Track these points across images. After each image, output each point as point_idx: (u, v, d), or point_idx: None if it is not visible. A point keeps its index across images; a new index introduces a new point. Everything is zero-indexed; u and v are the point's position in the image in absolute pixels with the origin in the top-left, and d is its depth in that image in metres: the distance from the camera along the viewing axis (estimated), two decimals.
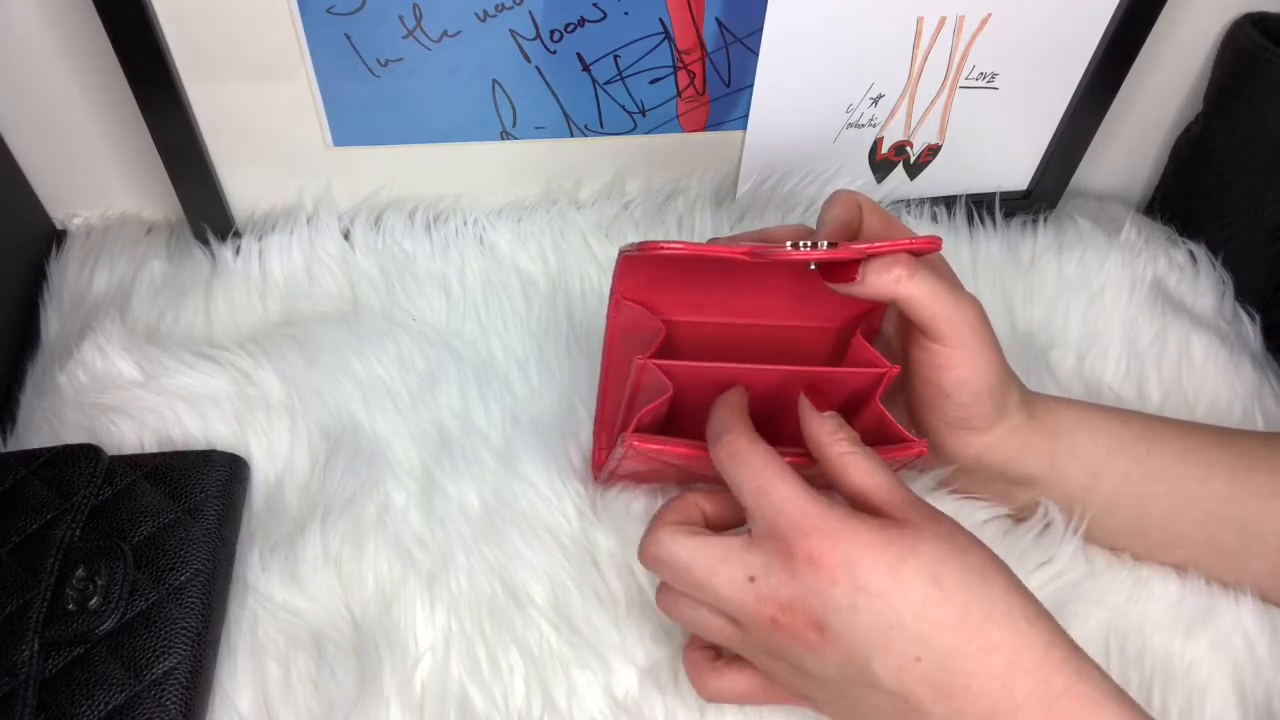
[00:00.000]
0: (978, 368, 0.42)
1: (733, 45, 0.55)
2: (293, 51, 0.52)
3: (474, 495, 0.49)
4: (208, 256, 0.59)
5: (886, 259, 0.40)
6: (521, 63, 0.54)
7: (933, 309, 0.40)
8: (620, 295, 0.45)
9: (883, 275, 0.40)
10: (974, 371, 0.42)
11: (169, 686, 0.40)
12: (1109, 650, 0.45)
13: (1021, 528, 0.47)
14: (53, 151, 0.58)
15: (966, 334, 0.41)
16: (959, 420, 0.44)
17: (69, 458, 0.46)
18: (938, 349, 0.42)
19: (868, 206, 0.44)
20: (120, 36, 0.48)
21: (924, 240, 0.40)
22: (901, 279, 0.40)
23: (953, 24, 0.55)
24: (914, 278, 0.40)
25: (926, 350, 0.42)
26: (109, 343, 0.53)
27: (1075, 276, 0.62)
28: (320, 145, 0.57)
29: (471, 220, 0.61)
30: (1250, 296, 0.62)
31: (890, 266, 0.39)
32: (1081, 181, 0.67)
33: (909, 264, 0.40)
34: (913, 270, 0.40)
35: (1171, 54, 0.61)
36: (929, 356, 0.42)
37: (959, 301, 0.41)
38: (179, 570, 0.43)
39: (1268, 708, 0.44)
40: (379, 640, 0.43)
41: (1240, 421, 0.55)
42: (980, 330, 0.42)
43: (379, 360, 0.54)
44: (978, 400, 0.43)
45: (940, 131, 0.62)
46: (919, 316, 0.41)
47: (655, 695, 0.43)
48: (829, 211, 0.44)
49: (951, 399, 0.43)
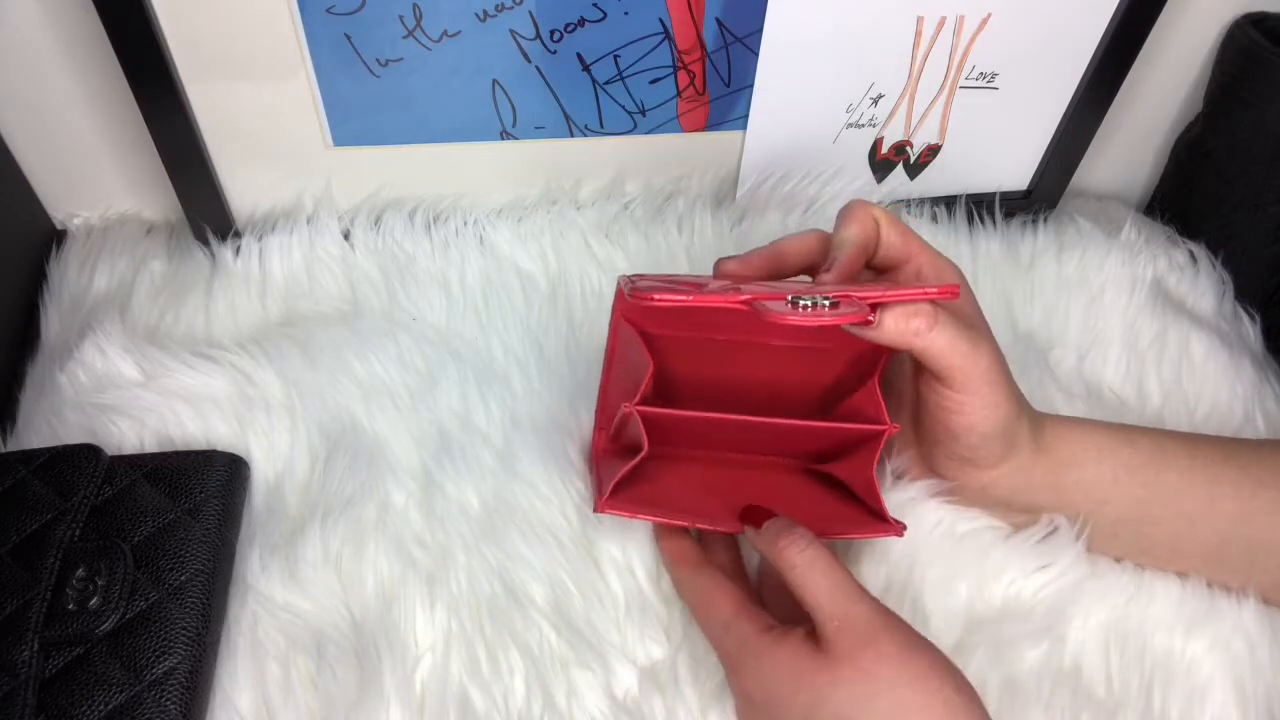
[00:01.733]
0: (987, 413, 0.42)
1: (733, 45, 0.55)
2: (293, 51, 0.52)
3: (474, 495, 0.49)
4: (208, 256, 0.59)
5: (907, 308, 0.39)
6: (521, 63, 0.54)
7: (948, 359, 0.40)
8: (621, 315, 0.45)
9: (901, 325, 0.39)
10: (983, 417, 0.42)
11: (169, 686, 0.40)
12: (1109, 650, 0.45)
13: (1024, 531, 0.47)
14: (53, 151, 0.58)
15: (979, 383, 0.41)
16: (965, 459, 0.44)
17: (69, 458, 0.46)
18: (949, 394, 0.41)
19: (885, 220, 0.43)
20: (120, 36, 0.48)
21: (941, 290, 0.39)
22: (920, 331, 0.39)
23: (953, 24, 0.55)
24: (933, 330, 0.39)
25: (938, 393, 0.42)
26: (109, 343, 0.53)
27: (1075, 276, 0.62)
28: (320, 145, 0.57)
29: (471, 220, 0.61)
30: (1250, 296, 0.62)
31: (910, 317, 0.39)
32: (1081, 181, 0.67)
33: (928, 315, 0.39)
34: (932, 323, 0.39)
35: (1171, 54, 0.61)
36: (939, 399, 0.42)
37: (975, 351, 0.40)
38: (179, 570, 0.43)
39: (1268, 708, 0.44)
40: (379, 640, 0.43)
41: (1240, 422, 0.55)
42: (993, 377, 0.41)
43: (379, 360, 0.54)
44: (985, 443, 0.43)
45: (940, 131, 0.62)
46: (933, 365, 0.40)
47: (655, 695, 0.43)
48: (844, 229, 0.43)
49: (959, 441, 0.43)
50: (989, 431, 0.42)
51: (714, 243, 0.61)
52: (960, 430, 0.42)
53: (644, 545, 0.47)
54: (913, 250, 0.44)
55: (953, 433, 0.43)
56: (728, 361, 0.46)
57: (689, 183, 0.63)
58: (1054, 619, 0.46)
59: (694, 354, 0.46)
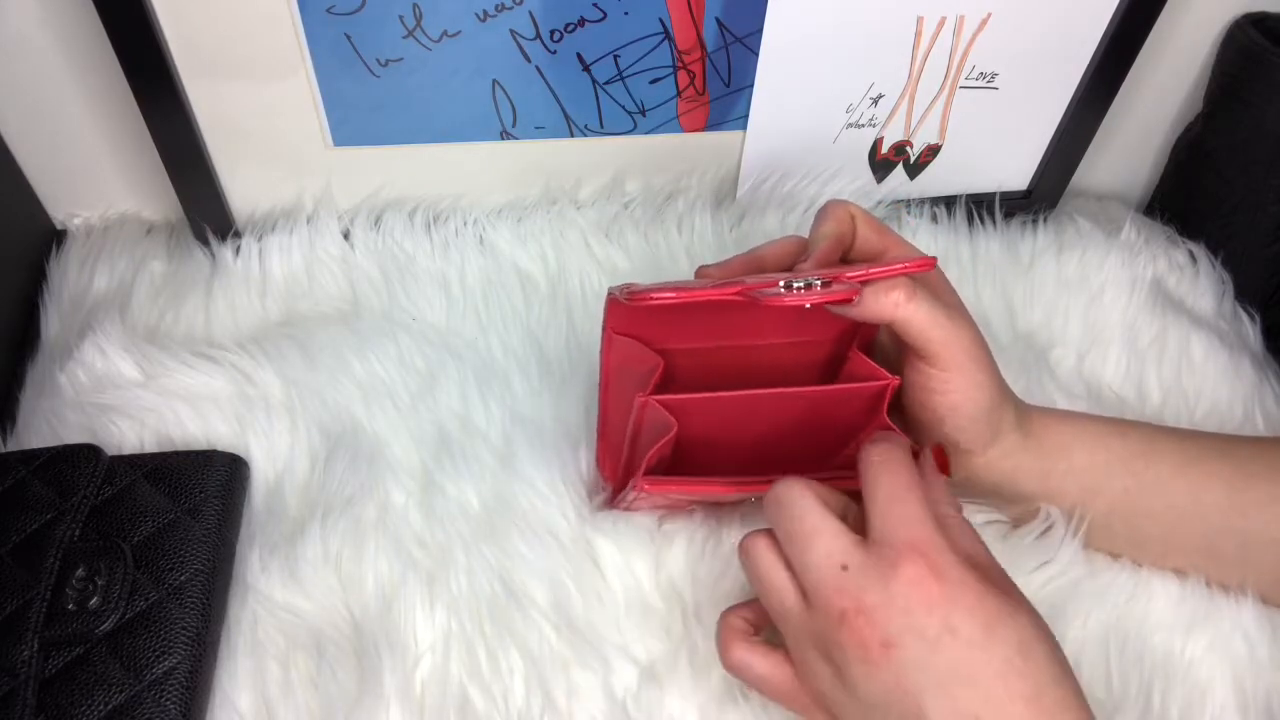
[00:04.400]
0: (971, 392, 0.42)
1: (733, 45, 0.55)
2: (293, 51, 0.52)
3: (474, 495, 0.49)
4: (208, 256, 0.59)
5: (885, 283, 0.40)
6: (521, 63, 0.54)
7: (928, 333, 0.40)
8: (613, 331, 0.45)
9: (881, 299, 0.40)
10: (967, 396, 0.42)
11: (169, 686, 0.40)
12: (1109, 650, 0.45)
13: (1022, 530, 0.47)
14: (53, 151, 0.58)
15: (962, 358, 0.41)
16: (952, 442, 0.44)
17: (69, 458, 0.46)
18: (932, 373, 0.42)
19: (860, 217, 0.44)
20: (120, 36, 0.48)
21: (918, 263, 0.40)
22: (900, 303, 0.40)
23: (953, 24, 0.55)
24: (911, 301, 0.40)
25: (921, 374, 0.42)
26: (109, 343, 0.53)
27: (1075, 276, 0.62)
28: (320, 145, 0.57)
29: (471, 220, 0.61)
30: (1250, 296, 0.62)
31: (889, 290, 0.40)
32: (1081, 181, 0.67)
33: (907, 288, 0.40)
34: (910, 294, 0.40)
35: (1171, 54, 0.61)
36: (923, 380, 0.42)
37: (955, 325, 0.41)
38: (179, 570, 0.43)
39: (1268, 708, 0.44)
40: (379, 640, 0.43)
41: (1240, 422, 0.55)
42: (975, 354, 0.42)
43: (379, 360, 0.54)
44: (972, 424, 0.43)
45: (940, 131, 0.62)
46: (915, 340, 0.41)
47: (655, 695, 0.43)
48: (821, 226, 0.44)
49: (945, 423, 0.43)
50: (974, 412, 0.42)
51: (714, 243, 0.61)
52: (945, 411, 0.42)
53: (645, 545, 0.47)
54: (888, 244, 0.45)
55: (939, 415, 0.43)
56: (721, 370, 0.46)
57: (689, 183, 0.63)
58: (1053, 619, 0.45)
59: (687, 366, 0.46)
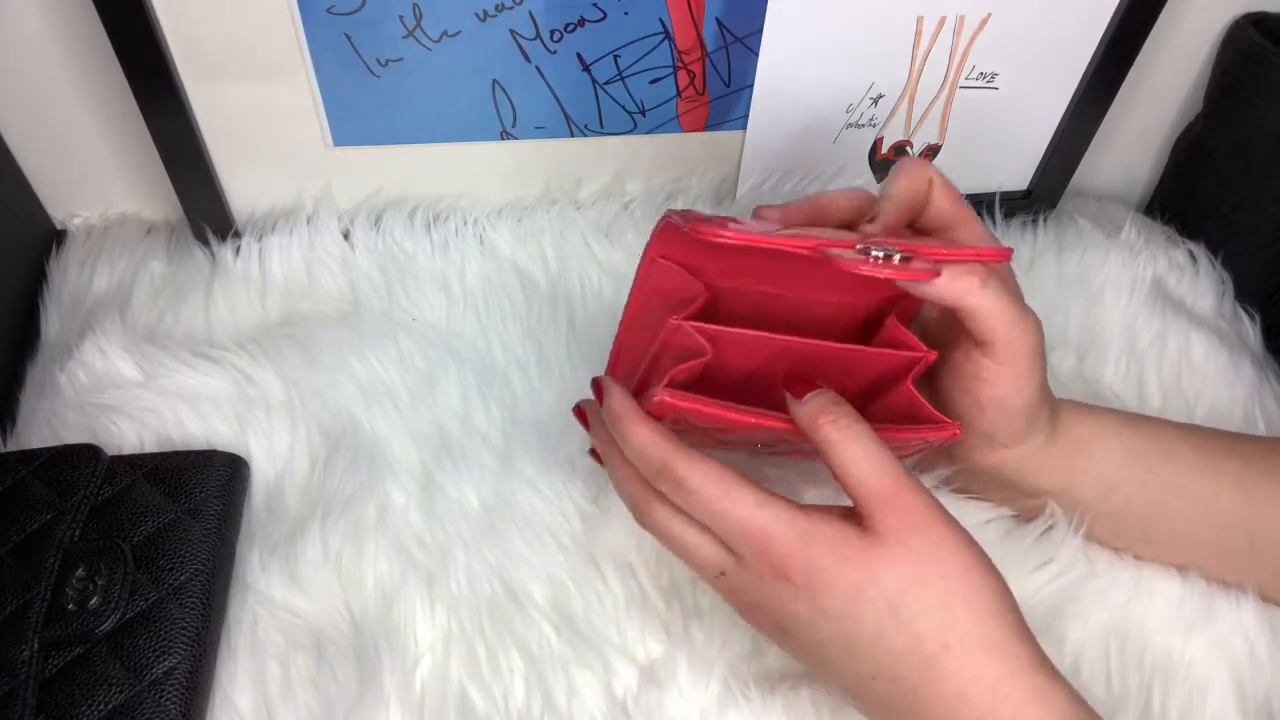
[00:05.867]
0: (1020, 387, 0.41)
1: (733, 45, 0.55)
2: (293, 51, 0.52)
3: (474, 495, 0.49)
4: (208, 256, 0.59)
5: (962, 266, 0.38)
6: (521, 63, 0.54)
7: (994, 324, 0.39)
8: (656, 255, 0.43)
9: (955, 283, 0.38)
10: (1016, 391, 0.41)
11: (169, 686, 0.40)
12: (1109, 650, 0.45)
13: (1022, 529, 0.47)
14: (53, 151, 0.58)
15: (1020, 355, 0.40)
16: (986, 434, 0.43)
17: (69, 458, 0.46)
18: (986, 364, 0.41)
19: (938, 183, 0.42)
20: (120, 36, 0.48)
21: (996, 253, 0.39)
22: (973, 289, 0.38)
23: (953, 24, 0.55)
24: (985, 289, 0.38)
25: (974, 362, 0.41)
26: (109, 343, 0.53)
27: (1075, 276, 0.62)
28: (320, 145, 0.57)
29: (471, 220, 0.61)
30: (1250, 296, 0.62)
31: (963, 275, 0.38)
32: (1081, 181, 0.67)
33: (983, 275, 0.38)
34: (985, 281, 0.38)
35: (1171, 54, 0.61)
36: (974, 369, 0.41)
37: (1023, 322, 0.40)
38: (179, 570, 0.43)
39: (1268, 708, 0.44)
40: (379, 640, 0.43)
41: (1240, 422, 0.55)
42: (1035, 351, 0.41)
43: (379, 360, 0.54)
44: (1012, 420, 0.42)
45: (940, 131, 0.62)
46: (979, 329, 0.40)
47: (655, 695, 0.43)
48: (897, 183, 0.41)
49: (985, 413, 0.42)
50: (1016, 407, 0.42)
51: None
52: (989, 403, 0.42)
53: (644, 545, 0.47)
54: (961, 218, 0.43)
55: (981, 405, 0.42)
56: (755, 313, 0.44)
57: (689, 183, 0.63)
58: (1053, 618, 0.46)
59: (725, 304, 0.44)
